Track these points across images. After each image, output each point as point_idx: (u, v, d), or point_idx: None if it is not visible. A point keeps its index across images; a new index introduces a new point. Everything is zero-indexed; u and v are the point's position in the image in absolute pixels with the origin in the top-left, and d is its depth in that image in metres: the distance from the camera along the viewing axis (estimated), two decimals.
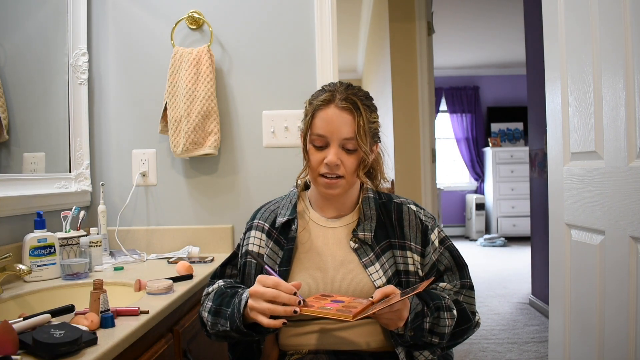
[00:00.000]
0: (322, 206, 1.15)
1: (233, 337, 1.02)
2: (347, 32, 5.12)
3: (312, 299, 0.97)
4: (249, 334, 0.98)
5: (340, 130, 1.03)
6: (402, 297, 0.89)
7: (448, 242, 1.14)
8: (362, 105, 1.05)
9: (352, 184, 1.10)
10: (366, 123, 1.04)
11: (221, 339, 1.06)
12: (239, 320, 0.96)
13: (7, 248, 1.31)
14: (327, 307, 0.91)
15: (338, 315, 0.87)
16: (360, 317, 0.88)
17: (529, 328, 3.15)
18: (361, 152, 1.05)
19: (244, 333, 0.97)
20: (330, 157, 1.03)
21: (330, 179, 1.05)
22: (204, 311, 1.07)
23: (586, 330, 1.33)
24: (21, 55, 1.53)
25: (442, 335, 1.02)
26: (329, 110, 1.04)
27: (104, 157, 1.82)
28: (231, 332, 0.99)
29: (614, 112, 1.19)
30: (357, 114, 1.04)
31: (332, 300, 0.96)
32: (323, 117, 1.04)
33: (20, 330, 0.83)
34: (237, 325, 0.96)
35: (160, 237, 1.79)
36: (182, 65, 1.71)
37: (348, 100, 1.04)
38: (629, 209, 1.15)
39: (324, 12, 1.76)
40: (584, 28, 1.31)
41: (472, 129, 7.09)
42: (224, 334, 1.01)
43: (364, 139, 1.03)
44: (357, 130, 1.03)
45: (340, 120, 1.03)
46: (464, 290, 1.11)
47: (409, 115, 3.34)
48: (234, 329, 0.98)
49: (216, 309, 1.03)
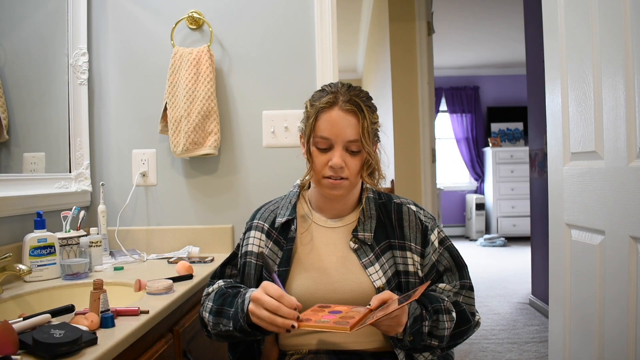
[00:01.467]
0: (322, 206, 1.15)
1: (235, 337, 1.02)
2: (347, 32, 5.12)
3: (309, 311, 0.97)
4: (253, 333, 0.98)
5: (345, 132, 1.03)
6: (399, 306, 0.89)
7: (448, 243, 1.14)
8: (365, 107, 1.05)
9: (355, 185, 1.10)
10: (369, 125, 1.04)
11: (222, 339, 1.06)
12: (242, 320, 0.96)
13: (7, 248, 1.31)
14: (325, 320, 0.91)
15: (335, 328, 0.88)
16: (358, 328, 0.88)
17: (529, 328, 3.15)
18: (365, 154, 1.05)
19: (248, 332, 0.97)
20: (335, 159, 1.03)
21: (334, 179, 1.05)
22: (204, 311, 1.07)
23: (586, 330, 1.33)
24: (21, 55, 1.53)
25: (442, 338, 1.01)
26: (332, 113, 1.04)
27: (104, 157, 1.82)
28: (234, 332, 0.99)
29: (614, 112, 1.19)
30: (362, 116, 1.03)
31: (330, 312, 0.96)
32: (327, 120, 1.04)
33: (20, 330, 0.83)
34: (240, 324, 0.97)
35: (160, 237, 1.79)
36: (182, 65, 1.71)
37: (352, 103, 1.04)
38: (629, 209, 1.15)
39: (324, 12, 1.76)
40: (584, 28, 1.31)
41: (472, 129, 7.09)
42: (226, 333, 1.01)
43: (368, 140, 1.03)
44: (361, 133, 1.03)
45: (345, 122, 1.03)
46: (464, 291, 1.11)
47: (409, 115, 3.34)
48: (237, 329, 0.98)
49: (218, 309, 1.03)
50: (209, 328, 1.05)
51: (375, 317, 0.89)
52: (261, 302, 0.91)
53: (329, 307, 0.99)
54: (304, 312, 0.96)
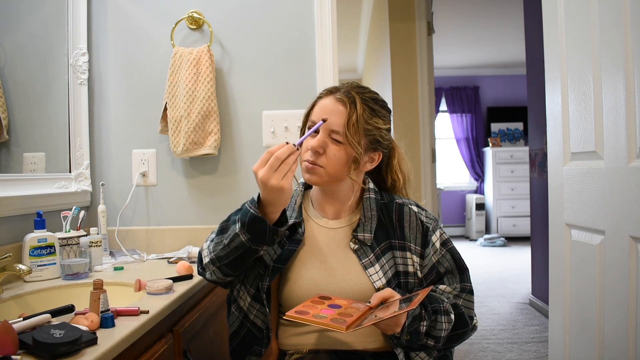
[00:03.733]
0: (322, 205, 1.15)
1: (236, 249, 0.96)
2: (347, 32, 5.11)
3: (309, 302, 0.97)
4: (262, 224, 0.93)
5: (330, 119, 1.04)
6: (400, 311, 0.89)
7: (450, 245, 1.13)
8: (362, 103, 1.05)
9: (336, 178, 1.07)
10: (360, 120, 1.03)
11: (218, 269, 1.02)
12: (253, 208, 0.93)
13: (7, 248, 1.31)
14: (323, 315, 0.91)
15: (331, 325, 0.88)
16: (354, 329, 0.88)
17: (529, 328, 3.15)
18: (349, 147, 1.04)
19: (258, 227, 0.93)
20: (312, 142, 1.04)
21: (310, 163, 1.05)
22: (205, 243, 1.06)
23: (586, 330, 1.33)
24: (21, 55, 1.53)
25: (438, 339, 1.01)
26: (326, 100, 1.07)
27: (104, 157, 1.82)
28: (239, 238, 0.94)
29: (614, 112, 1.19)
30: (351, 108, 1.04)
31: (330, 305, 0.96)
32: (320, 105, 1.08)
33: (20, 330, 0.83)
34: (251, 214, 0.92)
35: (160, 237, 1.79)
36: (182, 65, 1.71)
37: (346, 94, 1.06)
38: (629, 209, 1.15)
39: (324, 12, 1.76)
40: (584, 28, 1.31)
41: (472, 129, 7.09)
42: (224, 251, 0.98)
43: (353, 134, 1.03)
44: (346, 123, 1.03)
45: (334, 110, 1.05)
46: (464, 294, 1.10)
47: (409, 115, 3.34)
48: (246, 223, 0.93)
49: (222, 227, 1.01)
50: (208, 253, 1.03)
51: (373, 319, 0.89)
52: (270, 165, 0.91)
53: (330, 299, 1.00)
54: (304, 302, 0.96)
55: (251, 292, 1.08)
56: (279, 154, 0.92)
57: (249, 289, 1.09)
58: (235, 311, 1.11)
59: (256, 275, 1.08)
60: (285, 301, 1.10)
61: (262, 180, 0.91)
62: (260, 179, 0.92)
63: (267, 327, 1.07)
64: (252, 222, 0.93)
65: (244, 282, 1.10)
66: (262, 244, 0.96)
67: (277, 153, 0.92)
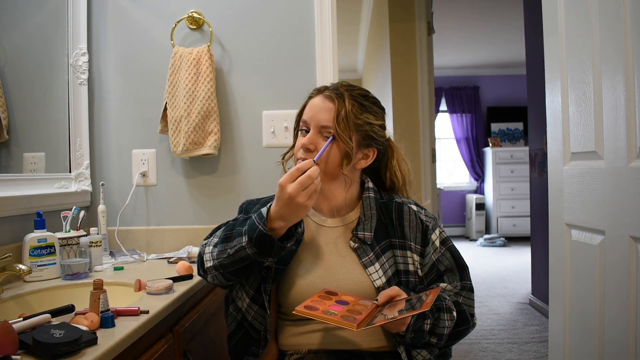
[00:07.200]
0: (317, 203, 1.14)
1: (241, 260, 0.97)
2: (347, 32, 5.11)
3: (316, 297, 0.97)
4: (269, 241, 0.94)
5: (319, 116, 1.05)
6: (408, 314, 0.90)
7: (450, 243, 1.14)
8: (350, 99, 1.05)
9: (329, 175, 1.07)
10: (350, 115, 1.03)
11: (221, 270, 1.02)
12: (262, 224, 0.93)
13: (7, 248, 1.31)
14: (332, 311, 0.91)
15: (342, 323, 0.88)
16: (365, 328, 0.88)
17: (529, 328, 3.15)
18: (341, 143, 1.04)
19: (265, 243, 0.93)
20: (303, 139, 1.05)
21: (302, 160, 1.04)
22: (207, 247, 1.05)
23: (586, 330, 1.33)
24: (21, 55, 1.53)
25: (441, 336, 1.02)
26: (316, 99, 1.08)
27: (104, 157, 1.82)
28: (244, 250, 0.95)
29: (614, 112, 1.19)
30: (339, 103, 1.04)
31: (337, 301, 0.96)
32: (310, 104, 1.09)
33: (20, 330, 0.83)
34: (259, 231, 0.93)
35: (160, 237, 1.79)
36: (182, 65, 1.71)
37: (335, 91, 1.07)
38: (629, 209, 1.15)
39: (324, 12, 1.76)
40: (584, 28, 1.31)
41: (472, 129, 7.09)
42: (228, 260, 0.98)
43: (343, 129, 1.03)
44: (335, 118, 1.03)
45: (322, 107, 1.06)
46: (464, 292, 1.11)
47: (409, 115, 3.34)
48: (254, 238, 0.94)
49: (226, 235, 1.01)
50: (210, 259, 1.02)
51: (384, 320, 0.89)
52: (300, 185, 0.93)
53: (337, 294, 0.99)
54: (312, 297, 0.96)
55: (250, 294, 1.08)
56: (311, 172, 0.93)
57: (248, 290, 1.09)
58: (233, 312, 1.11)
59: (257, 277, 1.08)
60: (284, 301, 1.10)
61: (291, 195, 0.92)
62: (289, 194, 0.92)
63: (265, 329, 1.07)
64: (259, 238, 0.94)
65: (243, 283, 1.10)
66: (268, 257, 0.97)
67: (309, 172, 0.93)
